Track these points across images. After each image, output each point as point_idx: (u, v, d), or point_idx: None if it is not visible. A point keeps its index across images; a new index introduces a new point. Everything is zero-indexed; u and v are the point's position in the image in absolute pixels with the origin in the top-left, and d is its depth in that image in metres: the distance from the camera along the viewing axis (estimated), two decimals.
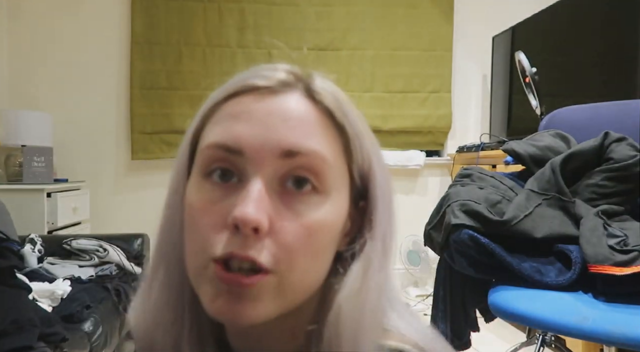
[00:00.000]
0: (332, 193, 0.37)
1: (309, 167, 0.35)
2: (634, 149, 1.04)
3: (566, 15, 2.30)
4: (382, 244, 0.39)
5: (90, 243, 1.90)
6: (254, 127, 0.35)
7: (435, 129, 3.02)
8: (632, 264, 0.83)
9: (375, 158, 0.40)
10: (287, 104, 0.36)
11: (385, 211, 0.39)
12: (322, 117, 0.37)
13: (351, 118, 0.39)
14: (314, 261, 0.36)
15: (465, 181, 1.18)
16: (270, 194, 0.35)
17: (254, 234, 0.33)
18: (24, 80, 2.75)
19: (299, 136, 0.35)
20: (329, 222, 0.36)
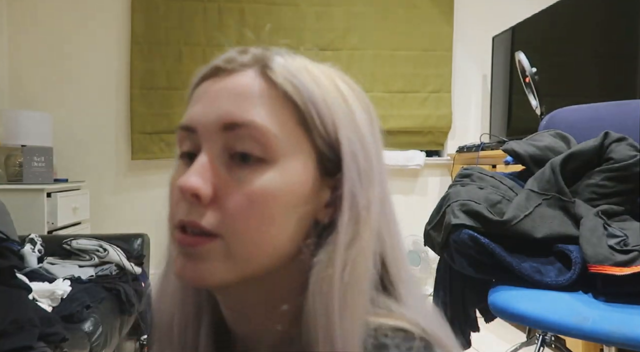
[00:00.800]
0: (279, 162, 0.37)
1: (248, 136, 0.37)
2: (634, 149, 1.04)
3: (566, 15, 2.30)
4: (353, 215, 0.38)
5: (90, 243, 1.90)
6: (205, 106, 0.38)
7: (435, 129, 3.02)
8: (632, 264, 0.83)
9: (343, 129, 0.39)
10: (236, 82, 0.39)
11: (357, 181, 0.39)
12: (274, 92, 0.38)
13: (309, 88, 0.39)
14: (262, 228, 0.37)
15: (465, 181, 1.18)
16: (217, 165, 0.37)
17: (196, 200, 0.36)
18: (24, 80, 2.75)
19: (240, 110, 0.37)
20: (275, 190, 0.37)
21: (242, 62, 0.40)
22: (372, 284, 0.39)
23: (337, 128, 0.39)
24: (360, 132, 0.40)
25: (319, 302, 0.36)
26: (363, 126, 0.41)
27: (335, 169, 0.40)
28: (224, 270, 0.37)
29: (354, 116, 0.41)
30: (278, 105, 0.38)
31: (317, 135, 0.39)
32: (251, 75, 0.39)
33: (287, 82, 0.39)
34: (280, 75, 0.39)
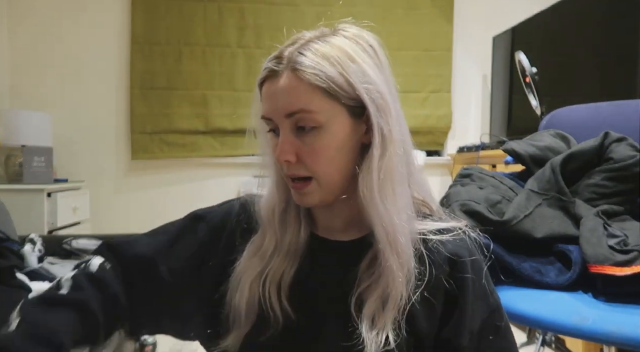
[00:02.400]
0: (324, 124, 0.58)
1: (303, 117, 0.57)
2: (634, 149, 1.04)
3: (566, 15, 2.30)
4: (379, 136, 0.58)
5: (90, 243, 1.90)
6: (271, 103, 0.59)
7: (435, 129, 3.02)
8: (632, 264, 0.83)
9: (357, 84, 0.57)
10: (281, 84, 0.58)
11: (377, 114, 0.58)
12: (302, 83, 0.57)
13: (327, 73, 0.56)
14: (330, 165, 0.59)
15: (465, 181, 1.18)
16: (291, 138, 0.59)
17: (289, 163, 0.59)
18: (24, 80, 2.75)
19: (291, 102, 0.57)
20: (329, 142, 0.58)
21: (279, 69, 0.58)
22: (404, 184, 0.60)
23: (353, 86, 0.57)
24: (371, 80, 0.58)
25: (367, 197, 0.58)
26: (372, 74, 0.58)
27: (363, 110, 0.59)
28: (320, 196, 0.61)
29: (363, 69, 0.58)
30: (310, 91, 0.57)
31: (342, 98, 0.57)
32: (289, 76, 0.57)
33: (312, 75, 0.56)
34: (305, 72, 0.56)
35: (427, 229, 0.61)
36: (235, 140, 2.88)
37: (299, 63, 0.57)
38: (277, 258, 0.63)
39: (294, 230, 0.65)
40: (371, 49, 0.61)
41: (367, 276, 0.59)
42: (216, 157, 2.88)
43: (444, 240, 0.60)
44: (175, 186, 2.89)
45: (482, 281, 0.60)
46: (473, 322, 0.58)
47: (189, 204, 3.17)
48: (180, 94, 2.80)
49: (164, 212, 2.88)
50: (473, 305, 0.58)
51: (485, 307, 0.59)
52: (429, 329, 0.58)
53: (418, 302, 0.58)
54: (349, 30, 0.62)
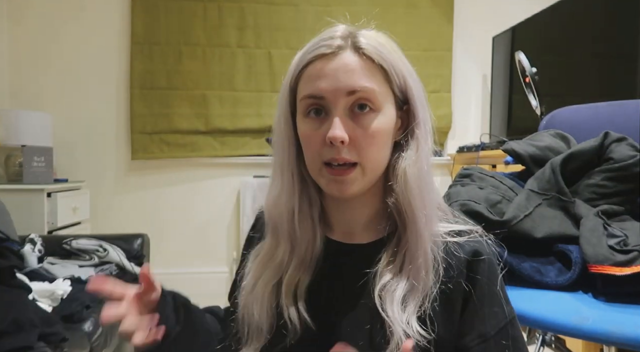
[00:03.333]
0: (382, 109, 0.58)
1: (365, 97, 0.57)
2: (634, 149, 1.04)
3: (566, 15, 2.30)
4: (424, 127, 0.61)
5: (90, 243, 1.90)
6: (328, 81, 0.57)
7: (435, 129, 2.97)
8: (632, 264, 0.83)
9: (409, 77, 0.60)
10: (343, 61, 0.57)
11: (421, 108, 0.61)
12: (366, 62, 0.57)
13: (387, 57, 0.58)
14: (379, 152, 0.59)
15: (465, 181, 1.18)
16: (345, 118, 0.57)
17: (341, 145, 0.56)
18: (24, 80, 2.75)
19: (355, 80, 0.56)
20: (383, 127, 0.58)
21: (339, 45, 0.57)
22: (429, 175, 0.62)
23: (405, 78, 0.60)
24: (413, 76, 0.61)
25: (412, 182, 0.59)
26: (412, 72, 0.61)
27: (402, 104, 0.61)
28: (361, 185, 0.59)
29: (408, 67, 0.61)
30: (374, 71, 0.57)
31: (395, 86, 0.59)
32: (350, 54, 0.57)
33: (375, 55, 0.57)
34: (369, 51, 0.57)
35: (443, 231, 0.61)
36: (235, 140, 2.88)
37: (366, 44, 0.57)
38: (292, 266, 0.62)
39: (309, 236, 0.63)
40: (400, 51, 0.63)
41: (389, 271, 0.58)
42: (216, 157, 2.88)
43: (461, 242, 0.60)
44: (175, 186, 2.89)
45: (497, 286, 0.59)
46: (484, 326, 0.57)
47: (189, 204, 3.19)
48: (180, 94, 2.80)
49: (164, 212, 2.88)
50: (486, 309, 0.58)
51: (502, 315, 0.58)
52: (447, 333, 0.57)
53: (437, 304, 0.57)
54: (385, 35, 0.64)
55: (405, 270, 0.57)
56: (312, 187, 0.63)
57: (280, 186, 0.63)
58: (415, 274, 0.57)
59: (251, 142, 2.90)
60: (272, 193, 0.64)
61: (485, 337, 0.57)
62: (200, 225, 2.91)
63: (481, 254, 0.59)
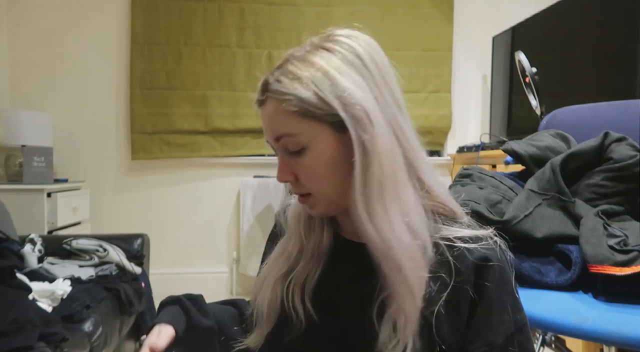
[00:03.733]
0: (311, 145, 0.58)
1: (288, 141, 0.59)
2: (634, 149, 1.04)
3: (566, 15, 2.30)
4: (361, 150, 0.56)
5: (90, 243, 1.90)
6: (264, 128, 0.63)
7: (435, 129, 3.02)
8: (632, 264, 0.83)
9: (333, 101, 0.56)
10: (266, 111, 0.61)
11: (358, 126, 0.56)
12: (281, 108, 0.58)
13: (300, 98, 0.57)
14: (327, 182, 0.60)
15: (465, 181, 1.18)
16: (287, 160, 0.61)
17: (290, 183, 0.62)
18: (24, 80, 2.76)
19: (275, 129, 0.60)
20: (318, 161, 0.59)
21: (263, 98, 0.61)
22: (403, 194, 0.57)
23: (328, 103, 0.56)
24: (346, 92, 0.56)
25: (354, 214, 0.57)
26: (350, 85, 0.57)
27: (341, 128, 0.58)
28: (324, 208, 0.63)
29: (338, 83, 0.56)
30: (289, 115, 0.58)
31: (320, 116, 0.57)
32: (270, 104, 0.60)
33: (286, 100, 0.57)
34: (282, 99, 0.58)
35: (454, 235, 0.59)
36: (235, 140, 2.88)
37: (274, 91, 0.59)
38: (302, 261, 0.66)
39: (318, 233, 0.67)
40: (356, 58, 0.59)
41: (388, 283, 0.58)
42: (216, 157, 2.88)
43: (471, 248, 0.58)
44: (175, 185, 2.89)
45: (508, 294, 0.58)
46: (491, 333, 0.56)
47: (189, 204, 3.18)
48: (180, 94, 2.80)
49: (164, 212, 2.88)
50: (494, 316, 0.57)
51: (510, 323, 0.57)
52: (454, 338, 0.56)
53: (444, 309, 0.56)
54: (336, 40, 0.61)
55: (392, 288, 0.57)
56: None
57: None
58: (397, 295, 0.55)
59: (251, 142, 2.90)
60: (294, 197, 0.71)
61: (492, 346, 0.56)
62: (200, 225, 2.92)
63: (490, 260, 0.57)
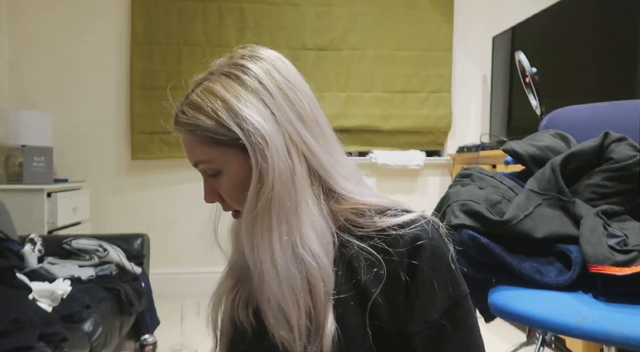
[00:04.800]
0: (224, 168, 0.62)
1: (205, 167, 0.64)
2: (634, 149, 1.04)
3: (566, 15, 2.30)
4: (258, 169, 0.59)
5: (90, 243, 1.90)
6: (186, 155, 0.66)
7: (435, 129, 3.02)
8: (632, 264, 0.83)
9: (232, 126, 0.59)
10: (182, 140, 0.65)
11: (256, 149, 0.58)
12: (191, 137, 0.63)
13: (201, 127, 0.61)
14: (240, 198, 0.62)
15: (465, 181, 1.18)
16: (210, 181, 0.65)
17: (215, 202, 0.67)
18: (24, 80, 2.75)
19: (192, 155, 0.64)
20: (234, 181, 0.62)
21: (175, 129, 0.67)
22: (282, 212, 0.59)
23: (231, 130, 0.59)
24: (246, 120, 0.59)
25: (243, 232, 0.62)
26: (248, 113, 0.59)
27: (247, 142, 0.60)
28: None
29: (237, 111, 0.59)
30: (198, 143, 0.62)
31: (227, 141, 0.60)
32: (182, 134, 0.65)
33: (191, 132, 0.62)
34: (188, 131, 0.63)
35: (385, 225, 0.60)
36: None
37: (181, 123, 0.64)
38: (244, 274, 0.68)
39: None
40: (255, 81, 0.62)
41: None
42: None
43: (402, 233, 0.59)
44: (175, 185, 2.89)
45: (442, 270, 0.59)
46: (427, 311, 0.58)
47: (189, 204, 3.18)
48: (180, 94, 2.77)
49: (164, 212, 2.88)
50: (428, 294, 0.58)
51: (446, 298, 0.58)
52: (393, 323, 0.58)
53: (382, 299, 0.58)
54: (239, 63, 0.65)
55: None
56: None
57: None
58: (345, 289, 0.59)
59: None
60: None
61: (428, 323, 0.57)
62: (200, 225, 2.91)
63: (420, 239, 0.58)
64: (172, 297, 2.42)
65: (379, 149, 2.96)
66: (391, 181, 2.99)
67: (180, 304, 1.97)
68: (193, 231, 2.91)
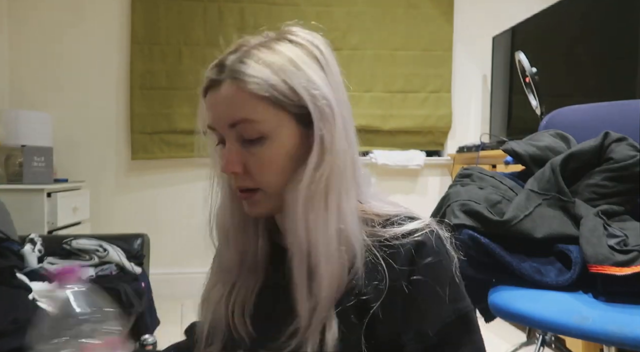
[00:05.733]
0: (272, 135, 0.55)
1: (247, 128, 0.55)
2: (634, 149, 1.04)
3: (566, 15, 2.30)
4: (319, 147, 0.55)
5: (90, 243, 1.90)
6: (213, 114, 0.58)
7: (435, 129, 3.02)
8: (632, 264, 0.83)
9: (302, 92, 0.54)
10: (222, 93, 0.55)
11: (321, 123, 0.54)
12: (245, 92, 0.54)
13: (269, 83, 0.54)
14: (278, 176, 0.56)
15: (465, 180, 1.18)
16: (237, 148, 0.56)
17: (236, 174, 0.57)
18: (24, 80, 2.75)
19: (233, 113, 0.55)
20: (276, 152, 0.56)
21: (220, 78, 0.56)
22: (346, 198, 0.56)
23: (298, 93, 0.54)
24: (317, 86, 0.55)
25: (289, 207, 0.55)
26: (318, 80, 0.55)
27: (310, 118, 0.55)
28: (268, 206, 0.59)
29: (308, 76, 0.55)
30: (253, 100, 0.54)
31: (287, 106, 0.55)
32: (230, 86, 0.55)
33: (254, 84, 0.54)
34: (248, 81, 0.54)
35: (388, 235, 0.56)
36: None
37: (240, 72, 0.54)
38: (240, 276, 0.63)
39: (253, 242, 0.63)
40: (319, 53, 0.57)
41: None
42: None
43: (404, 243, 0.55)
44: (175, 185, 2.89)
45: (444, 283, 0.55)
46: (424, 325, 0.53)
47: (189, 204, 3.18)
48: (180, 94, 2.79)
49: (164, 212, 2.88)
50: (428, 306, 0.54)
51: (451, 312, 0.54)
52: (390, 335, 0.54)
53: (380, 309, 0.53)
54: (295, 34, 0.58)
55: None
56: None
57: (223, 197, 0.65)
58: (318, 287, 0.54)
59: None
60: (218, 200, 0.66)
61: (424, 337, 0.53)
62: (200, 225, 2.91)
63: (422, 251, 0.55)
64: (172, 297, 2.42)
65: (379, 149, 2.96)
66: (391, 181, 2.99)
67: (180, 304, 1.97)
68: (193, 231, 2.90)
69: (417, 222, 0.57)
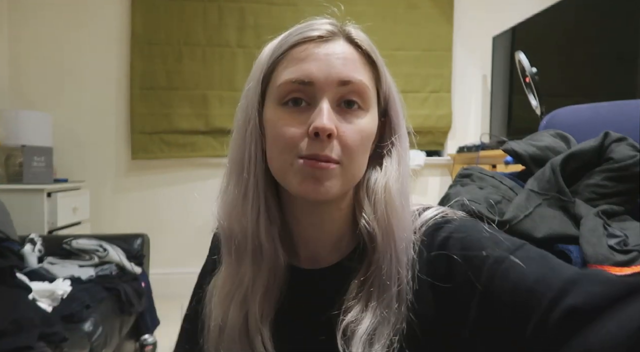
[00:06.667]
0: (370, 110, 0.52)
1: (357, 91, 0.50)
2: (634, 149, 1.04)
3: (566, 15, 2.30)
4: (405, 143, 0.56)
5: (90, 243, 1.90)
6: (319, 65, 0.49)
7: (435, 129, 3.02)
8: (632, 264, 0.83)
9: (393, 87, 0.55)
10: (338, 48, 0.51)
11: (401, 122, 0.56)
12: (360, 56, 0.52)
13: (379, 58, 0.53)
14: (363, 156, 0.52)
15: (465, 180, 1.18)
16: (331, 112, 0.49)
17: (327, 138, 0.48)
18: (24, 80, 2.75)
19: (350, 70, 0.50)
20: (370, 129, 0.52)
21: (331, 31, 0.53)
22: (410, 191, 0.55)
23: (389, 86, 0.55)
24: (395, 88, 0.56)
25: (396, 201, 0.52)
26: (394, 84, 0.56)
27: (381, 115, 0.55)
28: (339, 187, 0.50)
29: (390, 76, 0.56)
30: (368, 68, 0.52)
31: (380, 89, 0.54)
32: (344, 43, 0.52)
33: (370, 49, 0.53)
34: (364, 44, 0.53)
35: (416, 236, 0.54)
36: None
37: (355, 35, 0.53)
38: (258, 298, 0.53)
39: (273, 258, 0.54)
40: (375, 50, 0.57)
41: (356, 304, 0.51)
42: (216, 157, 2.88)
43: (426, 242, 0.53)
44: (175, 185, 2.89)
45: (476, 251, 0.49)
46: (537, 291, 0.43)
47: (189, 204, 3.18)
48: (180, 94, 2.80)
49: (164, 212, 2.88)
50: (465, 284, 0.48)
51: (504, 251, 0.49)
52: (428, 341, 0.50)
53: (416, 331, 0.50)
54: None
55: (375, 301, 0.50)
56: (271, 199, 0.54)
57: (244, 192, 0.53)
58: (387, 306, 0.49)
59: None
60: (229, 202, 0.54)
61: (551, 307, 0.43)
62: (200, 225, 2.91)
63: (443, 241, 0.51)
64: (172, 297, 2.42)
65: None
66: None
67: (180, 304, 1.97)
68: (193, 231, 2.90)
69: (421, 218, 0.56)
